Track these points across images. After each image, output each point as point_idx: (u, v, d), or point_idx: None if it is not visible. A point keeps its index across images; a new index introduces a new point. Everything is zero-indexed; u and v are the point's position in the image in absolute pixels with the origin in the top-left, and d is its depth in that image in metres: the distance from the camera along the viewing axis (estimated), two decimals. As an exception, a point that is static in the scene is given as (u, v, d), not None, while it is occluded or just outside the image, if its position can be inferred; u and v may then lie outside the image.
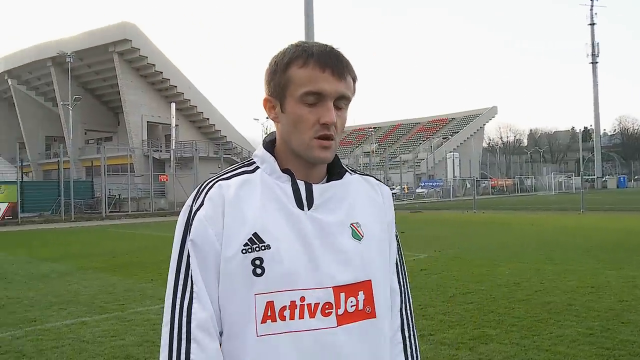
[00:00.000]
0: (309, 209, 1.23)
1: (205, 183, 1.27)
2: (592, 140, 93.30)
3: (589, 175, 79.63)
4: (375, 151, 73.58)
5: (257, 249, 1.18)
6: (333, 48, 1.24)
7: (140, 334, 5.91)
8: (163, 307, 1.23)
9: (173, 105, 48.58)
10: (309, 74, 1.20)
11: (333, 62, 1.21)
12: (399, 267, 1.40)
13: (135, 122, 50.36)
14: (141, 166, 44.91)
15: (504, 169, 79.24)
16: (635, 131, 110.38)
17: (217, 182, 1.26)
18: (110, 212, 33.91)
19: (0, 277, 10.20)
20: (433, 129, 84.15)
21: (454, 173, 61.98)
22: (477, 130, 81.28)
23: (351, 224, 1.27)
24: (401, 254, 1.42)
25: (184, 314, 1.18)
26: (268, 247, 1.19)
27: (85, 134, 58.20)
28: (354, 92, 1.27)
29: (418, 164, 67.56)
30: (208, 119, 54.85)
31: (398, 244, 1.42)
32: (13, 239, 19.30)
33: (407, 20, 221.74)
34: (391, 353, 1.32)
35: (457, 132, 78.54)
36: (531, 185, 71.91)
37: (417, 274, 9.25)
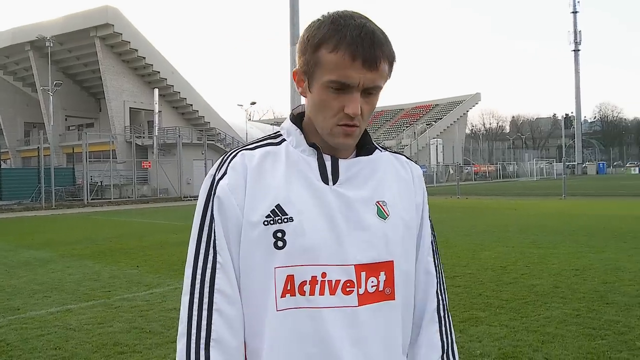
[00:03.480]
0: (334, 184, 1.20)
1: (229, 153, 1.25)
2: (573, 127, 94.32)
3: (569, 162, 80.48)
4: (359, 137, 73.54)
5: (280, 221, 1.15)
6: (369, 30, 1.14)
7: (128, 320, 5.87)
8: (183, 278, 1.20)
9: (156, 91, 47.96)
10: (337, 61, 1.12)
11: (365, 51, 1.12)
12: (434, 249, 1.36)
13: (118, 108, 49.70)
14: (123, 153, 44.42)
15: (487, 155, 79.95)
16: (615, 118, 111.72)
17: (240, 151, 1.24)
18: (92, 199, 33.63)
19: (-18, 264, 10.07)
20: (417, 115, 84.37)
21: (437, 159, 62.33)
22: (461, 116, 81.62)
23: (377, 202, 1.22)
24: (435, 236, 1.38)
25: (207, 283, 1.16)
26: (291, 219, 1.15)
27: (66, 120, 57.27)
28: (390, 74, 1.20)
29: (402, 150, 67.77)
30: (191, 105, 54.27)
31: (432, 226, 1.37)
32: (-6, 227, 19.04)
33: (391, 5, 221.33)
34: (428, 332, 1.31)
35: (441, 119, 78.82)
36: (513, 171, 72.57)
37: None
